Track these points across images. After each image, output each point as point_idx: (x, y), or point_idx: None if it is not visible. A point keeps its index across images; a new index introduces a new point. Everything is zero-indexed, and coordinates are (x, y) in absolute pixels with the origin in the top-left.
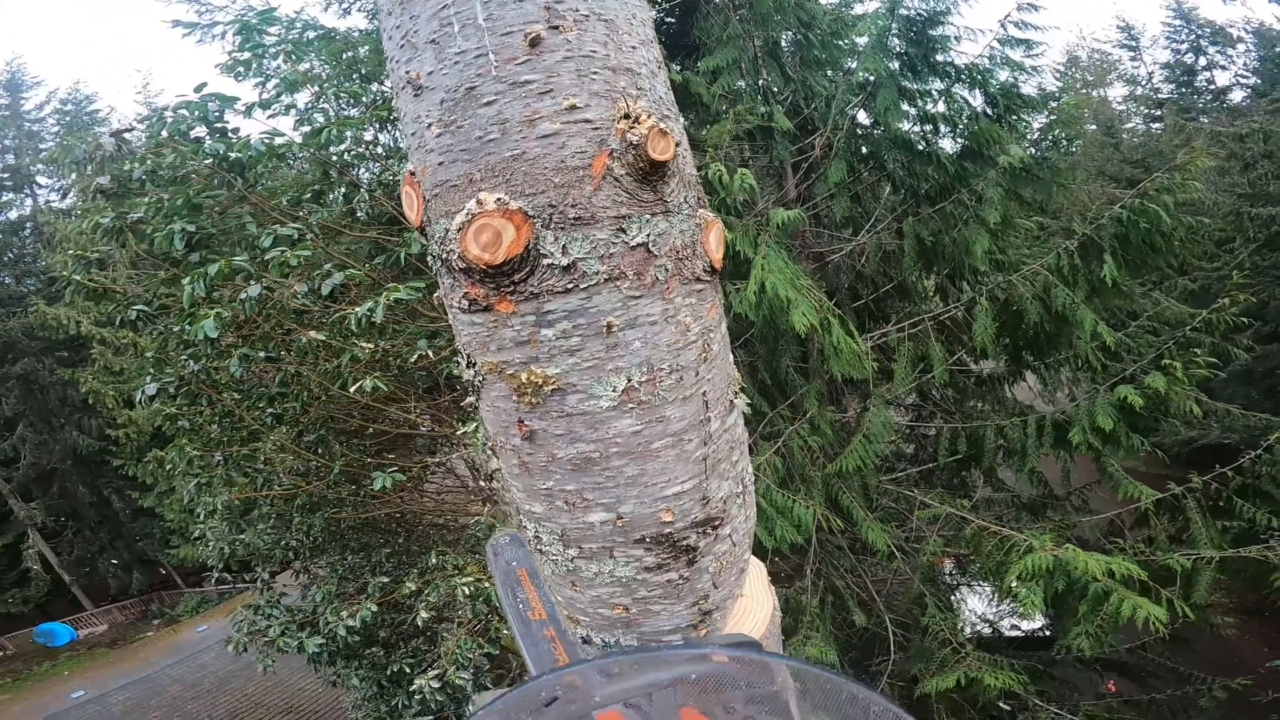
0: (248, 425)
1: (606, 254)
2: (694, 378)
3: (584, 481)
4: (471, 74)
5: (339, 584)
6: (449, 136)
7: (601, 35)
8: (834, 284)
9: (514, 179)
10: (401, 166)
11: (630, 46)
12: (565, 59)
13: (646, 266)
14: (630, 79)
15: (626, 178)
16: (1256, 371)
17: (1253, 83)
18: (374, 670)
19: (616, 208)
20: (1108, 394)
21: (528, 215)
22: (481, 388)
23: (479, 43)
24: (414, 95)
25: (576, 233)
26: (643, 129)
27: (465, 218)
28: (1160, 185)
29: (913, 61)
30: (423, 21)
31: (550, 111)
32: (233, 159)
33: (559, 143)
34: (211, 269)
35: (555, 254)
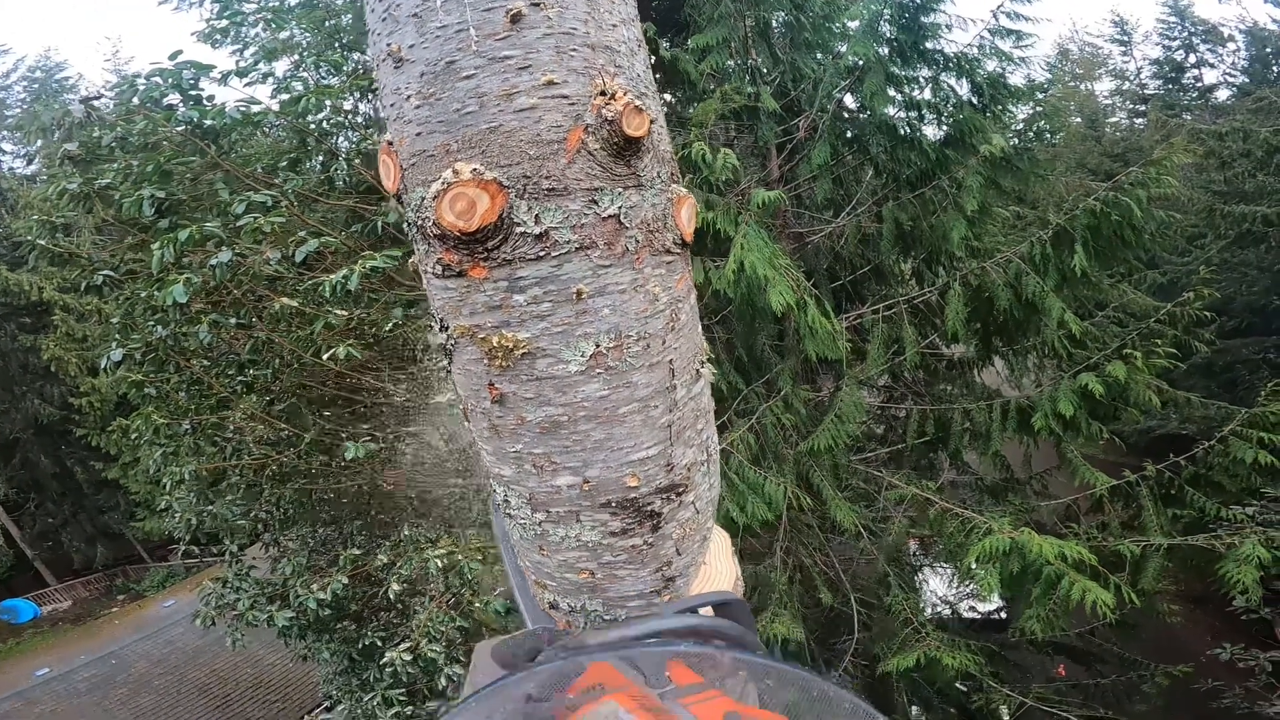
0: (216, 393)
1: (578, 224)
2: (661, 346)
3: (552, 445)
4: (452, 48)
5: (309, 557)
6: (427, 108)
7: (582, 13)
8: (812, 264)
9: (490, 150)
10: (382, 136)
11: (610, 25)
12: (545, 35)
13: (617, 237)
14: (609, 56)
15: (600, 152)
16: (1217, 365)
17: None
18: (345, 644)
19: (590, 180)
20: (1071, 381)
21: (502, 185)
22: (454, 351)
23: (460, 17)
24: (394, 67)
25: (550, 203)
26: (618, 105)
27: (441, 186)
28: (1135, 179)
29: (902, 48)
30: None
31: (528, 86)
32: (206, 126)
33: (535, 116)
34: (182, 234)
35: (528, 223)
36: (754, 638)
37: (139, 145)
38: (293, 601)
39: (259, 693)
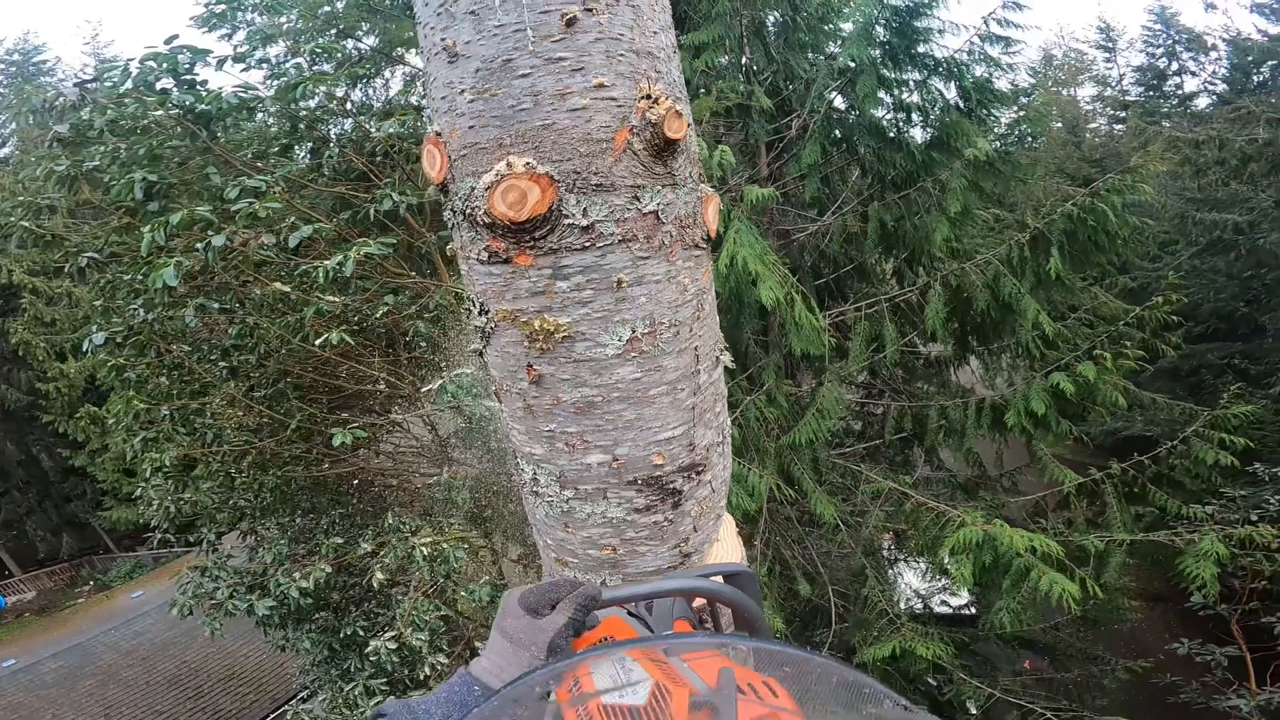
0: (199, 378)
1: (622, 218)
2: (689, 333)
3: (585, 424)
4: (509, 46)
5: (290, 545)
6: (481, 103)
7: (629, 19)
8: (797, 261)
9: (543, 146)
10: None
11: (652, 31)
12: (596, 40)
13: (655, 231)
14: (651, 62)
15: (644, 152)
16: (1184, 369)
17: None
18: (325, 634)
19: (633, 178)
20: (1043, 380)
21: (553, 179)
22: (492, 334)
23: (518, 18)
24: (448, 61)
25: (597, 198)
26: (661, 109)
27: (494, 177)
28: (1111, 186)
29: (894, 51)
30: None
31: (580, 88)
32: (199, 111)
33: (586, 116)
34: (174, 218)
35: (576, 215)
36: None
37: (129, 129)
38: (273, 590)
39: (232, 685)
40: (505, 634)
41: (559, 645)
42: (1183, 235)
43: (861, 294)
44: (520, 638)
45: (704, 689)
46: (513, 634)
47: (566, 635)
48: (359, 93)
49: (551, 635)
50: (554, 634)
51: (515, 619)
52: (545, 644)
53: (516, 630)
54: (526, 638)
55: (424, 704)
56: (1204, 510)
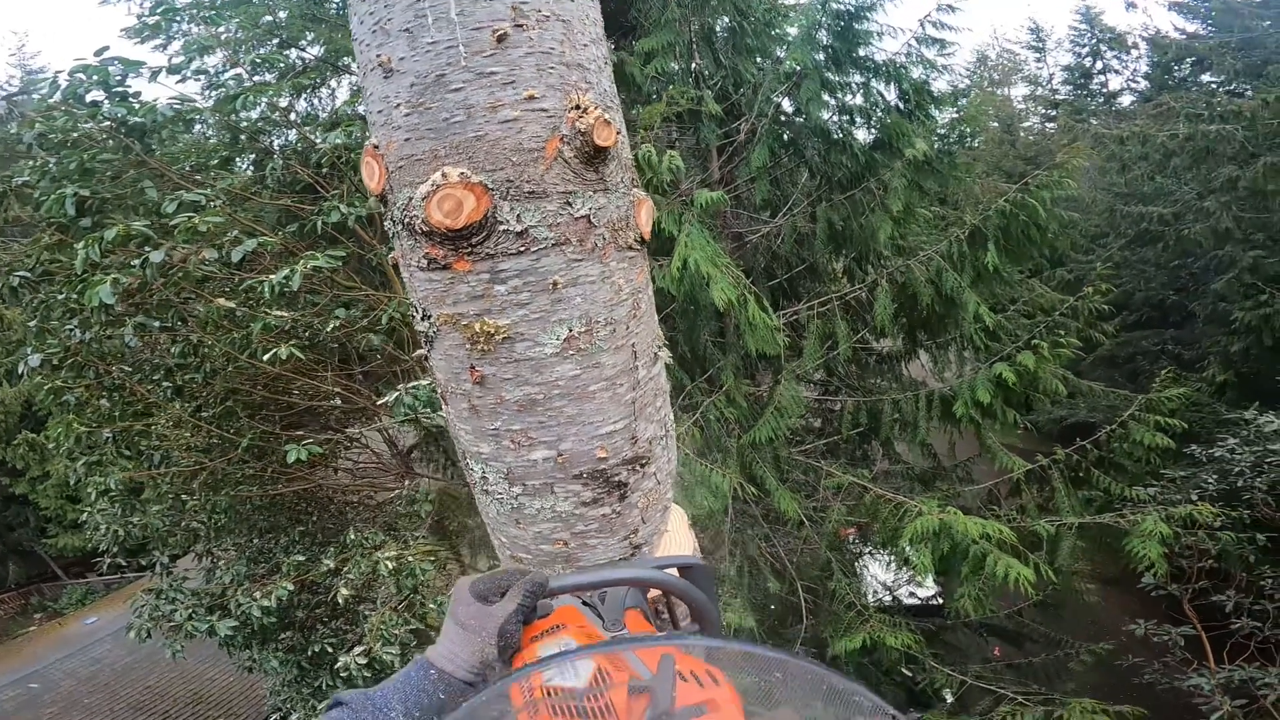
0: (142, 399)
1: (554, 223)
2: (625, 330)
3: (529, 421)
4: (442, 62)
5: (249, 565)
6: (417, 116)
7: (559, 34)
8: (751, 263)
9: (476, 156)
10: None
11: (582, 44)
12: (527, 54)
13: (588, 235)
14: (581, 74)
15: (574, 160)
16: (1120, 356)
17: (1142, 87)
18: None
19: (564, 184)
20: (987, 371)
21: (487, 188)
22: (435, 338)
23: (450, 35)
24: (384, 77)
25: (530, 204)
26: (590, 119)
27: (430, 187)
28: (1040, 181)
29: (837, 55)
30: (397, 11)
31: (512, 100)
32: (132, 123)
33: (518, 127)
34: (108, 234)
35: (510, 221)
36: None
37: (59, 143)
38: (234, 611)
39: (200, 709)
40: (457, 620)
41: (508, 630)
42: (1113, 228)
43: (814, 293)
44: (471, 624)
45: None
46: (464, 620)
47: (516, 621)
48: (304, 103)
49: (501, 621)
50: (503, 620)
51: (466, 606)
52: (495, 629)
53: (468, 617)
54: (477, 624)
55: (382, 691)
56: (1146, 492)
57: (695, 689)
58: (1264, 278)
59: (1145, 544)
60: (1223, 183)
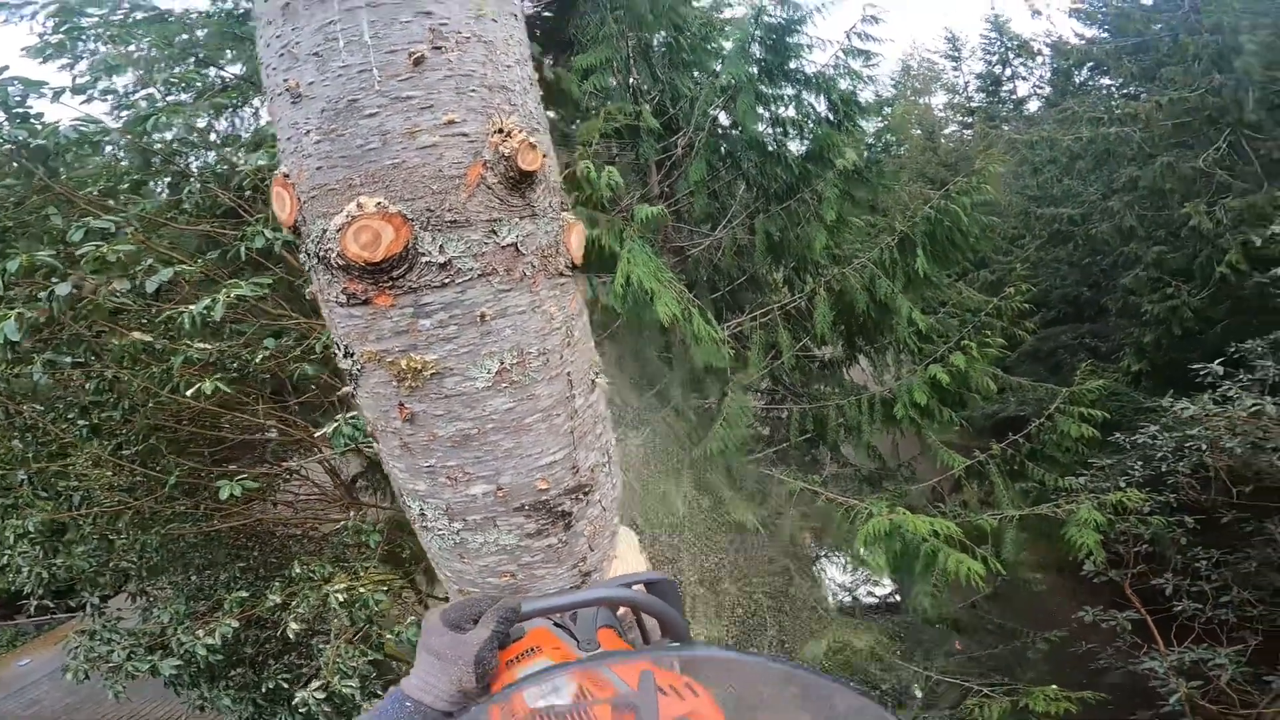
0: (56, 439)
1: (479, 253)
2: (559, 360)
3: (464, 457)
4: (354, 87)
5: (188, 603)
6: (329, 143)
7: (480, 55)
8: (693, 276)
9: (393, 185)
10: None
11: (506, 65)
12: (446, 77)
13: (515, 263)
14: (505, 96)
15: (499, 185)
16: (1042, 351)
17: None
18: (246, 690)
19: (489, 212)
20: (922, 373)
21: (406, 218)
22: (360, 376)
23: (363, 58)
24: (292, 102)
25: (453, 234)
26: (514, 142)
27: (345, 219)
28: (960, 188)
29: (770, 68)
30: (306, 34)
31: (430, 125)
32: (34, 146)
33: (437, 154)
34: (10, 264)
35: (433, 253)
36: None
37: None
38: (176, 649)
39: None
40: (431, 651)
41: (484, 658)
42: (1028, 230)
43: (756, 304)
44: (446, 654)
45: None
46: (439, 650)
47: (491, 648)
48: (224, 123)
49: (477, 649)
50: (479, 647)
51: (439, 636)
52: (471, 657)
53: (441, 647)
54: (452, 653)
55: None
56: (1077, 481)
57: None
58: (1168, 271)
59: (1081, 532)
60: (1124, 183)
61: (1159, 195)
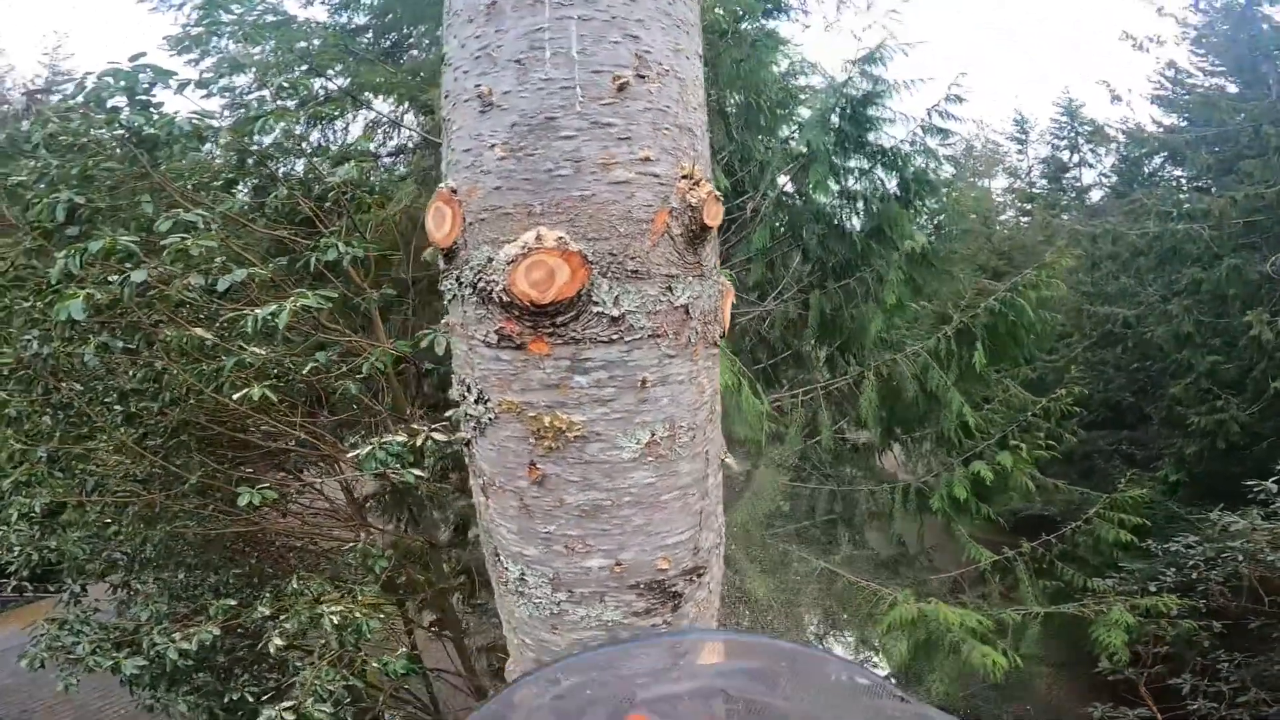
0: (89, 421)
1: (654, 310)
2: (704, 437)
3: (589, 528)
4: (555, 103)
5: (170, 603)
6: (514, 162)
7: (675, 92)
8: (738, 345)
9: (579, 220)
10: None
11: (693, 107)
12: (646, 109)
13: (683, 327)
14: (690, 139)
15: (680, 238)
16: (1077, 454)
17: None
18: (206, 697)
19: (668, 266)
20: (963, 468)
21: (586, 260)
22: (489, 425)
23: (569, 74)
24: (480, 110)
25: (630, 285)
26: (702, 192)
27: (520, 250)
28: (1028, 281)
29: (847, 138)
30: (510, 38)
31: (626, 159)
32: (145, 134)
33: (629, 192)
34: (93, 245)
35: (607, 303)
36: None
37: (68, 145)
38: (146, 649)
39: None
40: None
41: None
42: (1078, 328)
43: (797, 380)
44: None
45: None
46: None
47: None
48: (318, 134)
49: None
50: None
51: None
52: None
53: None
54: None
55: None
56: (1105, 583)
57: None
58: (1220, 383)
59: (1110, 632)
60: (1186, 284)
61: (1220, 301)
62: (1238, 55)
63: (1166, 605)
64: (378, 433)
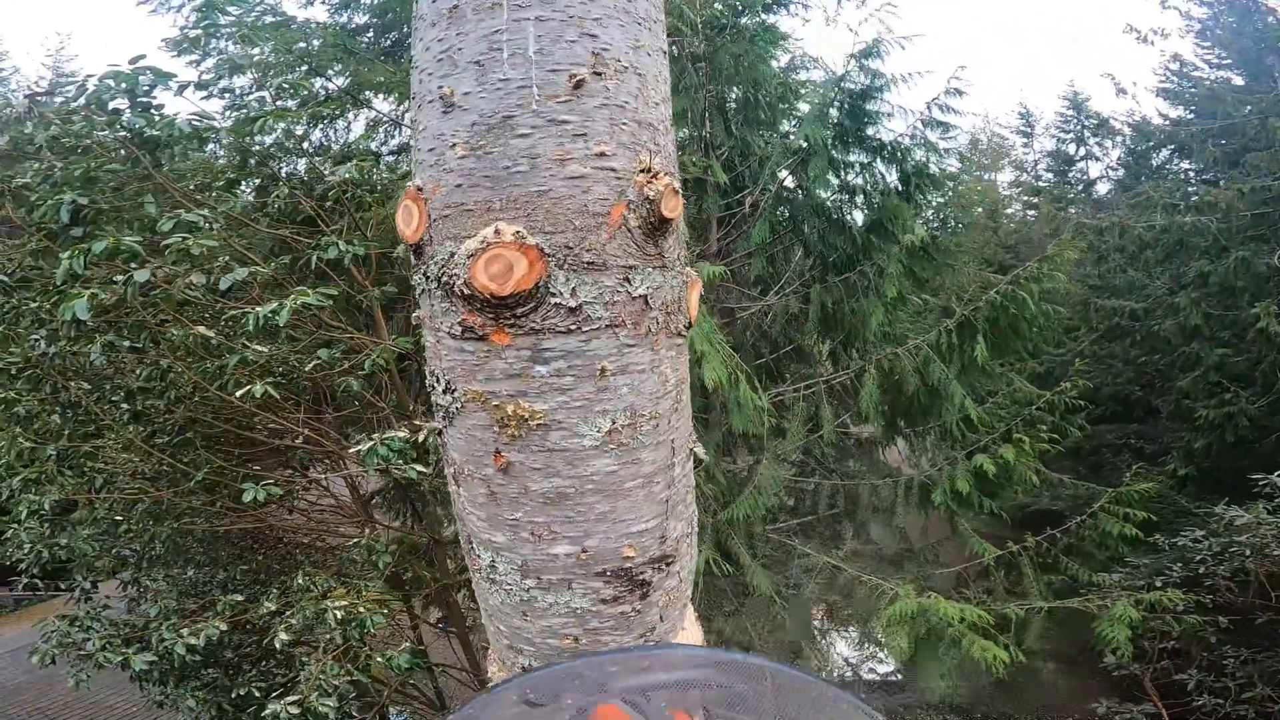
0: (97, 419)
1: (611, 301)
2: (667, 425)
3: (554, 515)
4: (512, 103)
5: (179, 599)
6: (474, 160)
7: (634, 88)
8: (739, 340)
9: (535, 215)
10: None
11: (654, 102)
12: (602, 105)
13: (642, 317)
14: (651, 134)
15: (638, 230)
16: (1085, 448)
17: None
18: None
19: (625, 258)
20: (966, 462)
21: (544, 252)
22: (456, 415)
23: (525, 73)
24: (443, 111)
25: (587, 277)
26: (659, 185)
27: (479, 244)
28: (1030, 274)
29: (846, 133)
30: (470, 40)
31: (581, 155)
32: (147, 135)
33: (584, 186)
34: (97, 246)
35: (564, 294)
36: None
37: (70, 147)
38: (155, 645)
39: None
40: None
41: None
42: (1084, 321)
43: (799, 375)
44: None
45: None
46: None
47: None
48: (319, 133)
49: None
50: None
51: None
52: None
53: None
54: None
55: None
56: (1111, 578)
57: None
58: (1229, 376)
59: (1115, 627)
60: (1194, 277)
61: (1228, 293)
62: (1243, 48)
63: (1171, 600)
64: (381, 429)
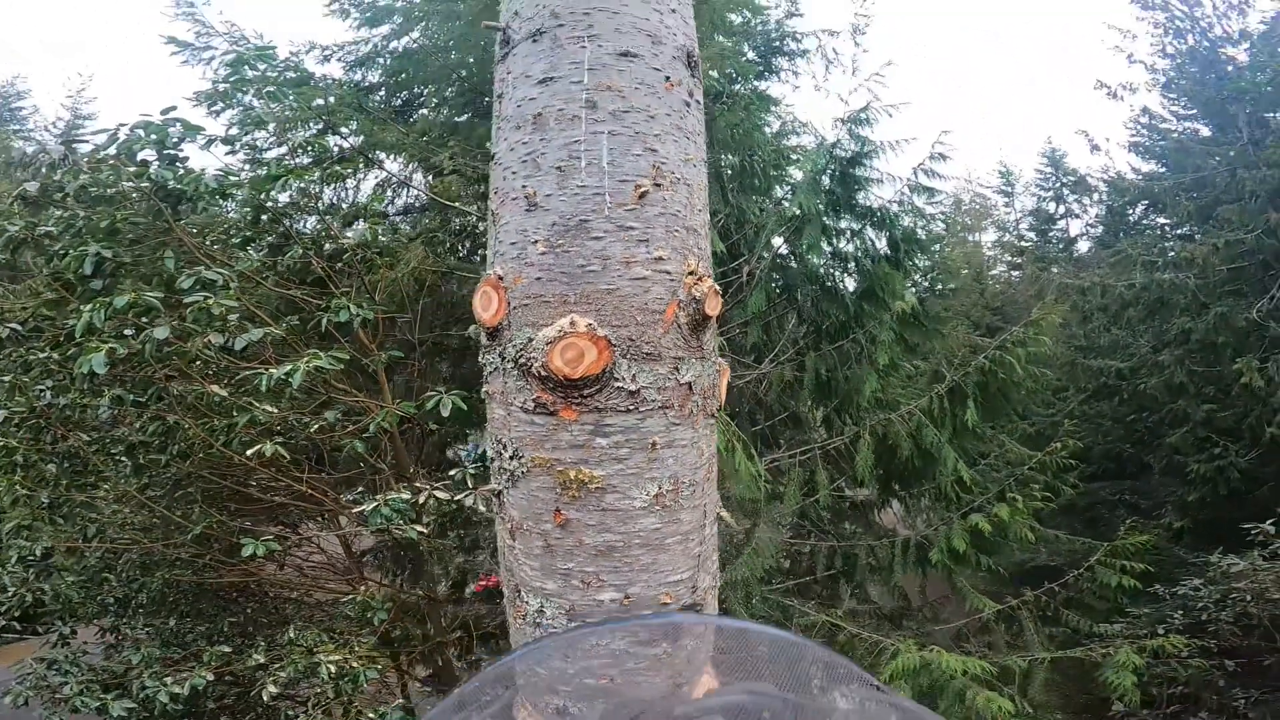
0: (95, 470)
1: (663, 386)
2: (702, 492)
3: (603, 565)
4: (588, 208)
5: (162, 649)
6: (553, 257)
7: (684, 198)
8: (736, 407)
9: (604, 309)
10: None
11: (698, 209)
12: (660, 214)
13: (687, 400)
14: (695, 239)
15: (686, 325)
16: (1079, 505)
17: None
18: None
19: (675, 349)
20: (961, 521)
21: (611, 343)
22: (522, 477)
23: (599, 182)
24: (526, 209)
25: (645, 366)
26: (704, 287)
27: (556, 333)
28: (1016, 339)
29: (837, 200)
30: (553, 147)
31: (644, 258)
32: (170, 188)
33: (646, 286)
34: (119, 300)
35: (626, 380)
36: None
37: (96, 197)
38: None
39: None
40: None
41: None
42: (1073, 381)
43: (794, 441)
44: None
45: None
46: None
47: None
48: (330, 191)
49: None
50: None
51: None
52: None
53: None
54: None
55: None
56: (1113, 628)
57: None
58: (1216, 430)
59: (1119, 675)
60: (1175, 335)
61: (1211, 349)
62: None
63: (1174, 646)
64: (380, 490)
